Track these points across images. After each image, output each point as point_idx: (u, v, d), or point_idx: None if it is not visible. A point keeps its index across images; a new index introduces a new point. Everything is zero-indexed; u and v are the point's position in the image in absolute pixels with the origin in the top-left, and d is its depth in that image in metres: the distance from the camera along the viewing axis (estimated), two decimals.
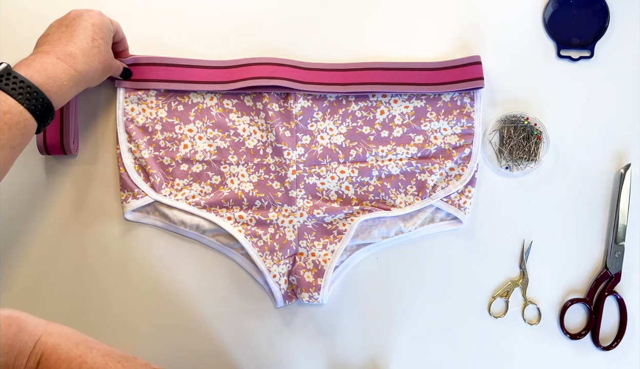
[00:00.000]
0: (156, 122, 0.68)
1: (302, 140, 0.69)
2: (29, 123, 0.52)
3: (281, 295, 0.67)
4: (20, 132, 0.51)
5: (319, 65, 0.68)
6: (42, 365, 0.48)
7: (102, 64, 0.60)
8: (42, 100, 0.53)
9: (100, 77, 0.61)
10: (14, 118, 0.51)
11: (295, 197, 0.68)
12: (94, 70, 0.59)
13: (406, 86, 0.67)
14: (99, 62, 0.59)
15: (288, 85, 0.65)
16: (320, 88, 0.67)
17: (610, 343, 0.68)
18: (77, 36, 0.57)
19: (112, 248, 0.69)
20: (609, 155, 0.69)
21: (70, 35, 0.57)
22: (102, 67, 0.60)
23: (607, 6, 0.69)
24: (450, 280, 0.69)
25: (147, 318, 0.68)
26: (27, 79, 0.52)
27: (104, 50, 0.60)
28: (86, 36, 0.58)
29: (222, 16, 0.70)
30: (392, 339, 0.68)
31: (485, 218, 0.69)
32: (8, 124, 0.50)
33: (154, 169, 0.68)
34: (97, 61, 0.59)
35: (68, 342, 0.50)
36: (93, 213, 0.69)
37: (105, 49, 0.60)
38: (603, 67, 0.69)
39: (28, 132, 0.53)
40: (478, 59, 0.67)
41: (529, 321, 0.69)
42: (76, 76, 0.56)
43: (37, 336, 0.49)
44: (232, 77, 0.67)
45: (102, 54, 0.59)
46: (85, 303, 0.68)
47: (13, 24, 0.70)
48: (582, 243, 0.69)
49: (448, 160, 0.68)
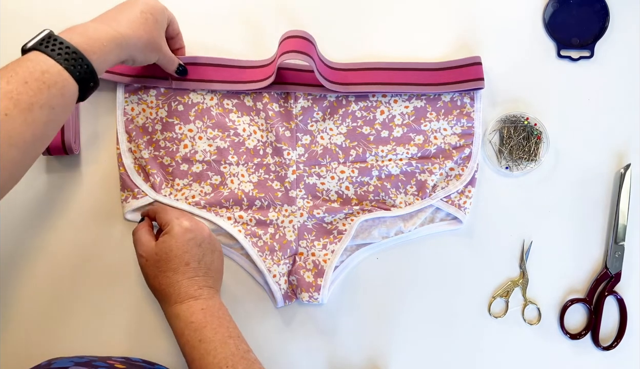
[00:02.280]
0: (156, 122, 0.68)
1: (302, 140, 0.69)
2: (68, 84, 0.51)
3: (281, 295, 0.67)
4: (59, 92, 0.50)
5: None
6: None
7: (147, 34, 0.58)
8: (81, 61, 0.51)
9: (144, 50, 0.59)
10: (52, 78, 0.49)
11: (295, 197, 0.68)
12: (137, 37, 0.57)
13: (406, 86, 0.67)
14: (144, 31, 0.57)
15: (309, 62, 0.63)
16: (320, 89, 0.67)
17: (610, 343, 0.68)
18: (124, 8, 0.57)
19: (112, 248, 0.69)
20: (609, 155, 0.69)
21: (117, 9, 0.57)
22: (147, 37, 0.58)
23: (607, 6, 0.69)
24: (450, 280, 0.69)
25: (147, 318, 0.68)
26: (66, 40, 0.51)
27: (151, 23, 0.58)
28: (134, 8, 0.58)
29: (222, 17, 0.70)
30: (392, 339, 0.68)
31: (485, 218, 0.69)
32: (47, 83, 0.49)
33: (154, 169, 0.68)
34: (143, 30, 0.57)
35: None
36: (93, 213, 0.69)
37: (153, 23, 0.59)
38: (603, 67, 0.69)
39: (68, 92, 0.51)
40: (478, 59, 0.67)
41: (529, 321, 0.69)
42: (118, 38, 0.55)
43: None
44: (269, 73, 0.67)
45: (149, 25, 0.58)
46: (85, 303, 0.68)
47: (13, 23, 0.70)
48: (582, 243, 0.69)
49: (448, 160, 0.68)
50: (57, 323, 0.68)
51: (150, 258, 0.58)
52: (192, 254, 0.57)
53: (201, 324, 0.55)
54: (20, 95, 0.46)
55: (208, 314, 0.55)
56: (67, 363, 0.57)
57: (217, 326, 0.55)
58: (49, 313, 0.68)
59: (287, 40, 0.63)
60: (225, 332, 0.55)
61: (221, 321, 0.56)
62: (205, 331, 0.54)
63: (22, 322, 0.68)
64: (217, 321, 0.55)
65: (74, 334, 0.68)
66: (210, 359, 0.53)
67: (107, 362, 0.60)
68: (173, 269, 0.57)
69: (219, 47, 0.70)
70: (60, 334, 0.68)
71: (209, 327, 0.55)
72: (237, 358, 0.53)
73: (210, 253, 0.59)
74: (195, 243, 0.58)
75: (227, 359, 0.53)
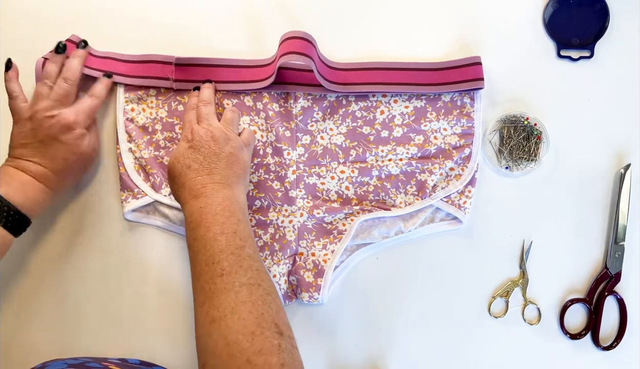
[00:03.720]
0: (156, 121, 0.68)
1: (302, 140, 0.69)
2: (5, 239, 0.59)
3: (281, 295, 0.67)
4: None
5: None
6: None
7: (74, 177, 0.66)
8: (18, 218, 0.59)
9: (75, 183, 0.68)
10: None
11: (295, 197, 0.68)
12: (67, 184, 0.65)
13: (406, 86, 0.67)
14: (71, 176, 0.65)
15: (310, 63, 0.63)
16: (321, 89, 0.67)
17: (610, 343, 0.68)
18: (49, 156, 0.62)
19: (112, 248, 0.69)
20: (609, 155, 0.69)
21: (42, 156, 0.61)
22: (75, 178, 0.67)
23: (607, 6, 0.69)
24: (450, 280, 0.69)
25: (147, 318, 0.68)
26: (5, 199, 0.58)
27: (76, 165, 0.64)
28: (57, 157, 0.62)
29: (222, 17, 0.70)
30: (392, 339, 0.68)
31: (485, 218, 0.69)
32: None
33: (154, 169, 0.68)
34: (70, 176, 0.65)
35: None
36: (93, 213, 0.69)
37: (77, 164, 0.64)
38: (603, 67, 0.69)
39: (4, 245, 0.59)
40: (478, 59, 0.67)
41: (529, 321, 0.69)
42: (51, 193, 0.63)
43: None
44: (269, 73, 0.66)
45: (75, 167, 0.64)
46: (85, 303, 0.68)
47: (13, 23, 0.70)
48: (582, 243, 0.69)
49: (448, 160, 0.68)
50: (57, 323, 0.68)
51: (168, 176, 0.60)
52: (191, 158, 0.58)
53: (196, 222, 0.54)
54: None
55: (204, 212, 0.54)
56: (61, 365, 0.57)
57: (211, 223, 0.53)
58: (49, 313, 0.68)
59: (287, 41, 0.63)
60: (218, 229, 0.53)
61: (216, 218, 0.54)
62: (199, 230, 0.53)
63: (22, 322, 0.68)
64: (212, 219, 0.54)
65: (74, 335, 0.68)
66: (200, 257, 0.52)
67: (102, 363, 0.59)
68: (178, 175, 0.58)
69: (219, 47, 0.70)
70: (60, 335, 0.68)
71: (203, 225, 0.53)
72: (224, 254, 0.51)
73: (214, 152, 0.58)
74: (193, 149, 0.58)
75: (215, 255, 0.51)
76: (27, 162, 0.61)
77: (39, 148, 0.61)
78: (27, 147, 0.61)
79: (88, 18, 0.70)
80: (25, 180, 0.60)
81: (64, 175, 0.63)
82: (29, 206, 0.60)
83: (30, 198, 0.60)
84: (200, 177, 0.57)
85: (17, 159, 0.61)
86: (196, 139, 0.58)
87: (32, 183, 0.60)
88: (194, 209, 0.55)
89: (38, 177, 0.61)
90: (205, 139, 0.59)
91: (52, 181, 0.62)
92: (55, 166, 0.62)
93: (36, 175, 0.61)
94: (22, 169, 0.61)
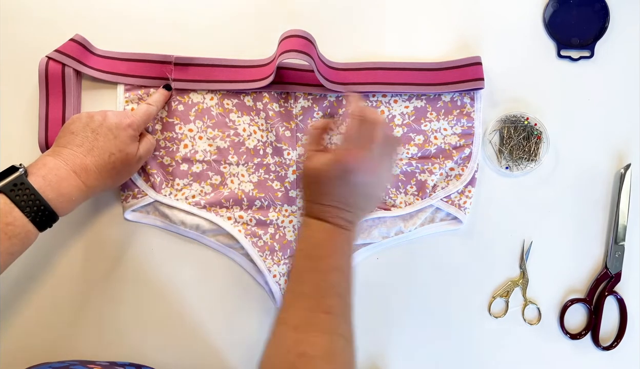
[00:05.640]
0: (156, 122, 0.68)
1: (302, 140, 0.69)
2: (31, 233, 0.54)
3: (281, 295, 0.67)
4: (21, 241, 0.53)
5: None
6: None
7: (112, 180, 0.61)
8: (48, 214, 0.55)
9: (109, 188, 0.63)
10: (15, 230, 0.52)
11: (295, 197, 0.68)
12: (103, 185, 0.60)
13: (406, 86, 0.67)
14: (109, 178, 0.60)
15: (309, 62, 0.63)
16: (321, 89, 0.67)
17: (610, 343, 0.68)
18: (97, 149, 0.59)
19: (112, 248, 0.69)
20: (609, 155, 0.69)
21: (91, 146, 0.58)
22: (112, 182, 0.61)
23: (607, 6, 0.69)
24: (450, 280, 0.69)
25: (147, 318, 0.68)
26: (38, 193, 0.53)
27: (119, 166, 0.60)
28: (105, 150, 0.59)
29: (222, 17, 0.70)
30: (392, 339, 0.68)
31: (485, 218, 0.69)
32: (8, 235, 0.52)
33: (154, 169, 0.68)
34: (109, 177, 0.60)
35: None
36: (93, 213, 0.69)
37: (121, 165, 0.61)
38: (603, 67, 0.69)
39: (29, 240, 0.55)
40: (478, 59, 0.67)
41: (529, 321, 0.69)
42: (85, 191, 0.58)
43: None
44: (269, 72, 0.66)
45: (117, 168, 0.60)
46: (85, 303, 0.68)
47: (15, 23, 0.70)
48: (582, 243, 0.69)
49: (448, 160, 0.68)
50: (56, 323, 0.68)
51: None
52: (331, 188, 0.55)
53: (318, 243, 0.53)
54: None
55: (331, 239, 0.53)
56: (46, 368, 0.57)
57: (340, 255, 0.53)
58: (48, 312, 0.68)
59: (286, 40, 0.63)
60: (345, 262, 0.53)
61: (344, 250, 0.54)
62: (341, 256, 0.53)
63: (21, 323, 0.68)
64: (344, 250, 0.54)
65: (74, 335, 0.68)
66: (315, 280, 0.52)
67: (87, 366, 0.58)
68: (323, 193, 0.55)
69: (219, 46, 0.70)
70: (59, 335, 0.68)
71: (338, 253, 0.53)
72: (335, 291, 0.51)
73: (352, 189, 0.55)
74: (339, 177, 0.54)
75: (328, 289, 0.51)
76: (71, 151, 0.58)
77: (89, 138, 0.59)
78: (78, 134, 0.59)
79: (89, 18, 0.70)
80: (63, 175, 0.56)
81: (104, 173, 0.59)
82: (61, 203, 0.56)
83: (64, 194, 0.56)
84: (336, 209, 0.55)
85: (61, 148, 0.58)
86: None
87: (68, 179, 0.57)
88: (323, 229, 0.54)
89: (78, 170, 0.57)
90: None
91: (91, 176, 0.58)
92: (100, 160, 0.59)
93: (76, 167, 0.57)
94: (64, 160, 0.57)
